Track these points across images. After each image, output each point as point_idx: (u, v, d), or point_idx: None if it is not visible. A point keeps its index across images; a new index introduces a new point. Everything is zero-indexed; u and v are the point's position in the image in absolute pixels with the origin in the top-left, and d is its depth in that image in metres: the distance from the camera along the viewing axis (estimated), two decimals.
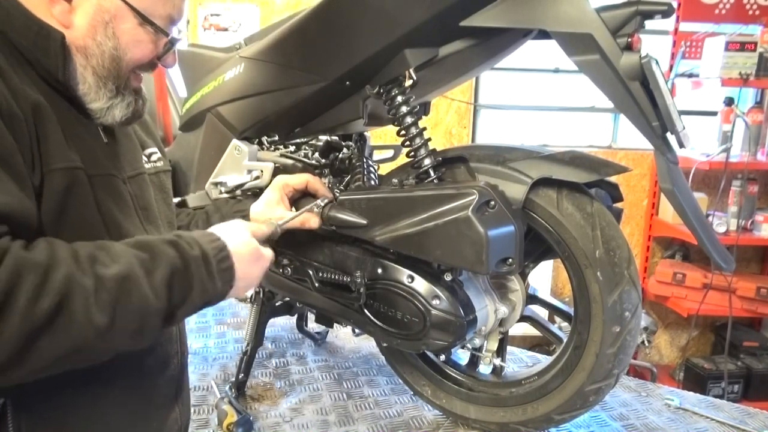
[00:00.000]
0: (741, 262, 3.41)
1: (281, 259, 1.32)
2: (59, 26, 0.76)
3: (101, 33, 0.78)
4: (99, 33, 0.78)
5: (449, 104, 3.21)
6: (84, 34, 0.77)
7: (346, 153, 1.43)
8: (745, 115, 2.98)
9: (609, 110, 3.35)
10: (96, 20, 0.77)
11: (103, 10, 0.77)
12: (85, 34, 0.77)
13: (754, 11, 3.00)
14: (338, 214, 1.17)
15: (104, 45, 0.78)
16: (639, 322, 1.11)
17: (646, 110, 0.95)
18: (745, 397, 3.05)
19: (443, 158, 1.18)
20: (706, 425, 1.38)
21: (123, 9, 0.78)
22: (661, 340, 3.58)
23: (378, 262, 1.18)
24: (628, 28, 0.94)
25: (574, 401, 1.16)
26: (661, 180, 0.99)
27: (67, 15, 0.76)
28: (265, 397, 1.48)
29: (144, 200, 0.91)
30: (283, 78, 1.26)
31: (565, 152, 1.11)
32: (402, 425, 1.35)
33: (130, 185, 0.87)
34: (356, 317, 1.24)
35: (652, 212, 3.33)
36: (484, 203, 1.03)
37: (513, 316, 1.25)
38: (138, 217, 0.87)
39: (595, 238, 1.06)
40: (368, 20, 1.10)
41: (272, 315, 1.56)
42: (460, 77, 1.22)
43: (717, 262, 1.05)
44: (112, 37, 0.78)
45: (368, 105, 1.20)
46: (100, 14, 0.77)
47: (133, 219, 0.85)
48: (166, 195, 1.00)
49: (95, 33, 0.77)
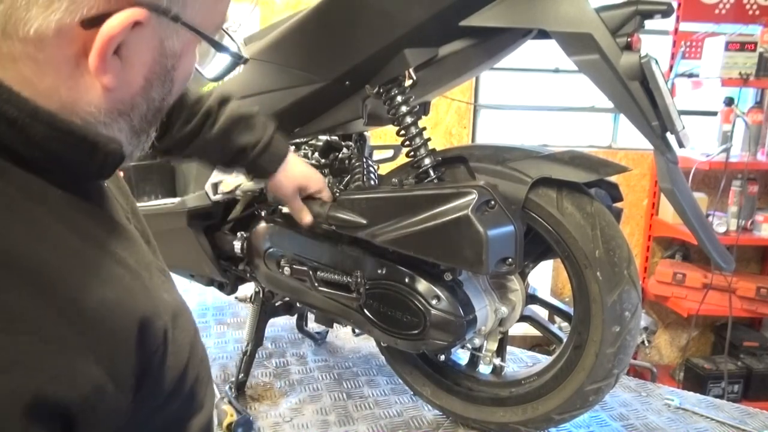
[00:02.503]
0: (741, 262, 3.41)
1: (281, 259, 1.32)
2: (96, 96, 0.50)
3: (158, 86, 0.54)
4: (155, 87, 0.54)
5: (449, 104, 3.21)
6: (134, 93, 0.53)
7: (346, 153, 1.43)
8: (745, 115, 2.98)
9: (609, 110, 3.35)
10: (155, 71, 0.53)
11: (167, 56, 0.53)
12: (135, 92, 0.53)
13: (754, 11, 3.00)
14: (338, 213, 1.17)
15: (157, 98, 0.55)
16: (639, 322, 1.11)
17: (646, 110, 0.95)
18: (745, 397, 3.05)
19: (443, 158, 1.18)
20: (706, 425, 1.38)
21: (193, 42, 0.56)
22: (661, 340, 3.58)
23: (378, 262, 1.19)
24: (627, 27, 0.94)
25: (574, 401, 1.16)
26: (661, 180, 0.99)
27: (118, 74, 0.50)
28: (265, 397, 1.48)
29: (144, 231, 0.72)
30: (282, 78, 1.26)
31: (564, 152, 1.11)
32: (402, 425, 1.35)
33: (132, 220, 0.69)
34: (356, 317, 1.24)
35: (652, 212, 3.33)
36: (483, 203, 1.03)
37: (513, 316, 1.25)
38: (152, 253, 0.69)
39: (595, 238, 1.06)
40: (368, 20, 1.10)
41: (272, 315, 1.56)
42: (460, 77, 1.22)
43: (717, 262, 1.05)
44: (169, 84, 0.55)
45: (368, 105, 1.20)
46: (162, 61, 0.53)
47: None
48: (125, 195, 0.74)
49: (150, 89, 0.54)
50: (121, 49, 0.49)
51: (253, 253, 1.37)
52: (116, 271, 0.53)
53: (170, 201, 1.50)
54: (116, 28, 0.46)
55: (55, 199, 0.51)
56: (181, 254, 1.52)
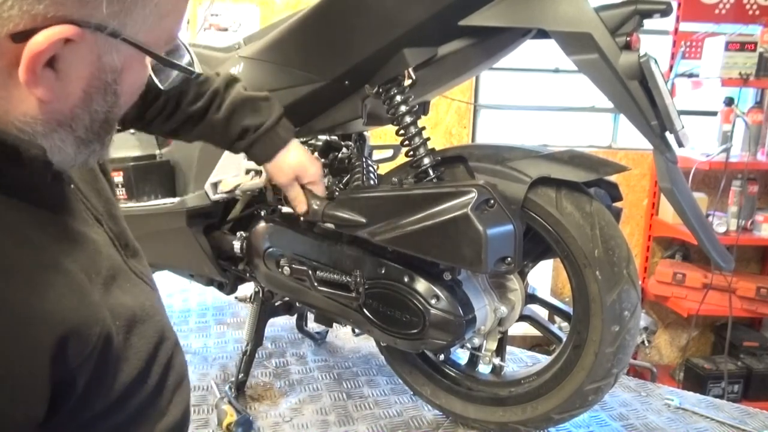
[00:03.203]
0: (741, 262, 3.41)
1: (280, 259, 1.32)
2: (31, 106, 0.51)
3: (99, 99, 0.54)
4: (96, 100, 0.54)
5: (449, 104, 3.21)
6: (74, 105, 0.53)
7: (346, 152, 1.43)
8: (745, 115, 2.98)
9: (609, 110, 3.35)
10: (94, 85, 0.53)
11: (106, 70, 0.53)
12: (75, 104, 0.53)
13: (754, 11, 3.00)
14: (337, 212, 1.17)
15: (100, 110, 0.55)
16: (638, 322, 1.11)
17: (645, 109, 0.95)
18: (745, 397, 3.05)
19: (442, 157, 1.18)
20: (706, 425, 1.38)
21: (135, 58, 0.55)
22: (661, 340, 3.58)
23: (377, 262, 1.19)
24: (626, 27, 0.94)
25: (574, 401, 1.16)
26: (661, 179, 0.99)
27: (50, 92, 0.50)
28: (265, 397, 1.48)
29: (120, 233, 0.70)
30: (282, 78, 1.26)
31: (564, 151, 1.11)
32: (402, 425, 1.35)
33: (106, 223, 0.67)
34: (355, 317, 1.24)
35: (652, 212, 3.33)
36: (483, 202, 1.03)
37: (512, 315, 1.25)
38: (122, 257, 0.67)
39: (594, 238, 1.06)
40: (367, 20, 1.10)
41: (272, 315, 1.56)
42: (460, 77, 1.22)
43: (717, 262, 1.05)
44: (112, 97, 0.55)
45: (367, 104, 1.20)
46: (101, 76, 0.53)
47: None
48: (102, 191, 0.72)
49: (90, 101, 0.54)
50: (56, 62, 0.49)
51: (252, 253, 1.37)
52: (48, 278, 0.52)
53: (170, 201, 1.50)
54: (42, 44, 0.47)
55: None
56: (181, 254, 1.52)
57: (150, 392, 0.63)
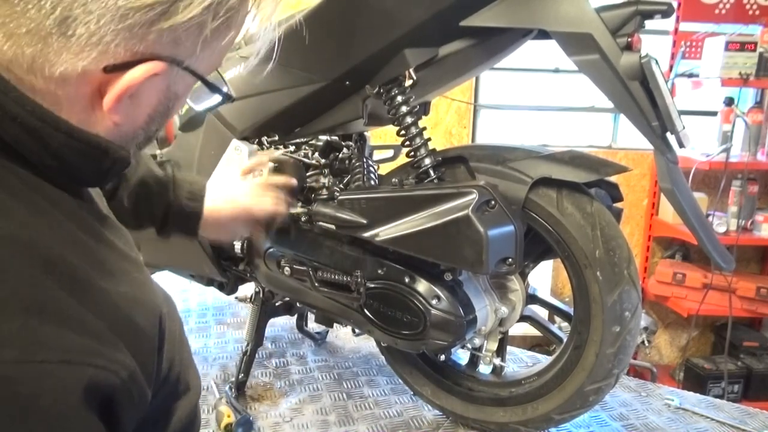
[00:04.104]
0: (741, 262, 3.41)
1: (281, 259, 1.32)
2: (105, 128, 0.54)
3: (158, 119, 0.59)
4: (156, 121, 0.59)
5: (449, 104, 3.21)
6: (138, 127, 0.57)
7: (346, 153, 1.43)
8: (745, 115, 2.98)
9: (609, 110, 3.35)
10: (159, 111, 0.57)
11: (170, 98, 0.57)
12: (138, 126, 0.57)
13: (754, 11, 3.00)
14: (338, 213, 1.17)
15: (155, 129, 0.60)
16: (639, 322, 1.11)
17: (646, 110, 0.95)
18: (745, 397, 3.05)
19: (443, 158, 1.18)
20: (706, 425, 1.38)
21: (190, 84, 0.59)
22: (661, 340, 3.58)
23: (378, 262, 1.19)
24: (627, 27, 0.94)
25: (574, 401, 1.16)
26: (661, 180, 0.99)
27: (128, 113, 0.54)
28: (265, 397, 1.48)
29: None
30: (282, 78, 1.26)
31: (564, 152, 1.11)
32: (402, 425, 1.35)
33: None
34: (356, 317, 1.24)
35: (652, 212, 3.33)
36: (483, 203, 1.03)
37: (513, 315, 1.25)
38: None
39: (595, 238, 1.06)
40: (368, 20, 1.10)
41: (272, 315, 1.56)
42: (460, 77, 1.22)
43: (717, 262, 1.05)
44: (166, 118, 0.60)
45: (368, 105, 1.21)
46: (167, 100, 0.57)
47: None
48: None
49: (152, 122, 0.58)
50: (136, 91, 0.53)
51: (253, 253, 1.37)
52: (123, 265, 0.57)
53: None
54: (138, 78, 0.51)
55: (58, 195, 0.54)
56: (181, 254, 1.52)
57: (179, 370, 0.67)
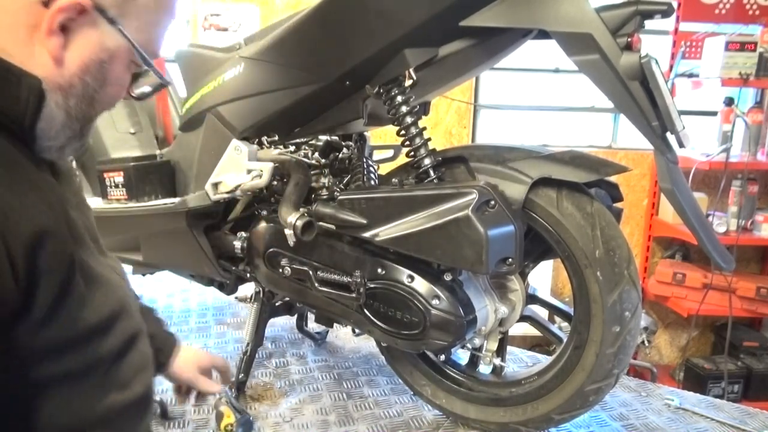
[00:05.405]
0: (741, 262, 3.41)
1: (281, 259, 1.32)
2: (42, 63, 0.63)
3: (93, 73, 0.66)
4: (90, 73, 0.66)
5: (449, 104, 3.21)
6: (73, 73, 0.65)
7: (346, 153, 1.43)
8: (745, 115, 2.97)
9: (609, 110, 3.35)
10: (92, 59, 0.66)
11: (103, 49, 0.66)
12: (74, 72, 0.65)
13: (754, 11, 3.00)
14: (338, 213, 1.17)
15: (90, 86, 0.67)
16: (639, 322, 1.11)
17: (646, 110, 0.95)
18: (745, 397, 3.05)
19: (443, 158, 1.18)
20: (706, 425, 1.38)
21: (125, 50, 0.68)
22: (661, 340, 3.58)
23: (378, 262, 1.19)
24: (627, 27, 0.94)
25: (574, 401, 1.16)
26: (661, 180, 0.99)
27: (60, 50, 0.64)
28: (265, 397, 1.48)
29: (90, 227, 0.76)
30: (283, 78, 1.26)
31: (564, 152, 1.11)
32: (402, 425, 1.35)
33: (79, 213, 0.72)
34: (356, 317, 1.24)
35: (652, 212, 3.33)
36: (483, 203, 1.03)
37: (513, 315, 1.25)
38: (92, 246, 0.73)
39: (595, 238, 1.06)
40: (368, 20, 1.10)
41: (272, 315, 1.56)
42: (460, 77, 1.22)
43: (717, 262, 1.05)
44: (101, 78, 0.67)
45: (368, 105, 1.21)
46: (99, 53, 0.66)
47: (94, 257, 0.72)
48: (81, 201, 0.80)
49: (86, 73, 0.66)
50: (68, 30, 0.63)
51: (253, 253, 1.37)
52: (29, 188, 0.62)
53: (170, 201, 1.50)
54: (65, 3, 0.61)
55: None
56: (182, 254, 1.52)
57: (108, 354, 0.69)
